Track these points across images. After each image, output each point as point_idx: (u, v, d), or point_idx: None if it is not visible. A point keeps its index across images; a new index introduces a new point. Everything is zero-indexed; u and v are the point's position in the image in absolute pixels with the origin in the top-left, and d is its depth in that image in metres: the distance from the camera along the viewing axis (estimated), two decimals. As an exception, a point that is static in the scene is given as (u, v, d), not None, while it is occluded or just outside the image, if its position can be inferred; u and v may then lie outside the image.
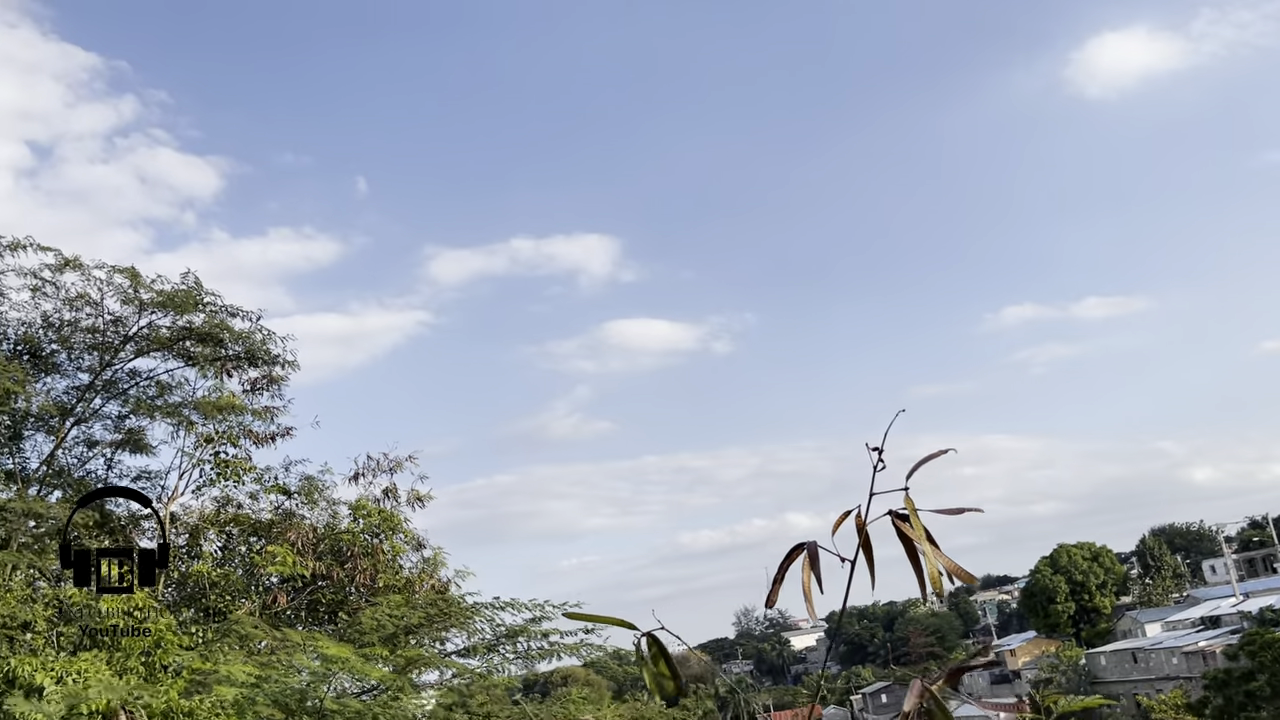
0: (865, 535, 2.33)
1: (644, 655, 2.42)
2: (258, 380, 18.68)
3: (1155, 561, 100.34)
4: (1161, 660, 67.60)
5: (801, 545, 2.35)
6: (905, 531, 2.28)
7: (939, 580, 2.22)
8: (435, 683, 15.60)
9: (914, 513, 2.26)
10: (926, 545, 2.23)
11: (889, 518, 2.30)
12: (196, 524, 18.60)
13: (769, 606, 2.40)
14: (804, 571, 2.30)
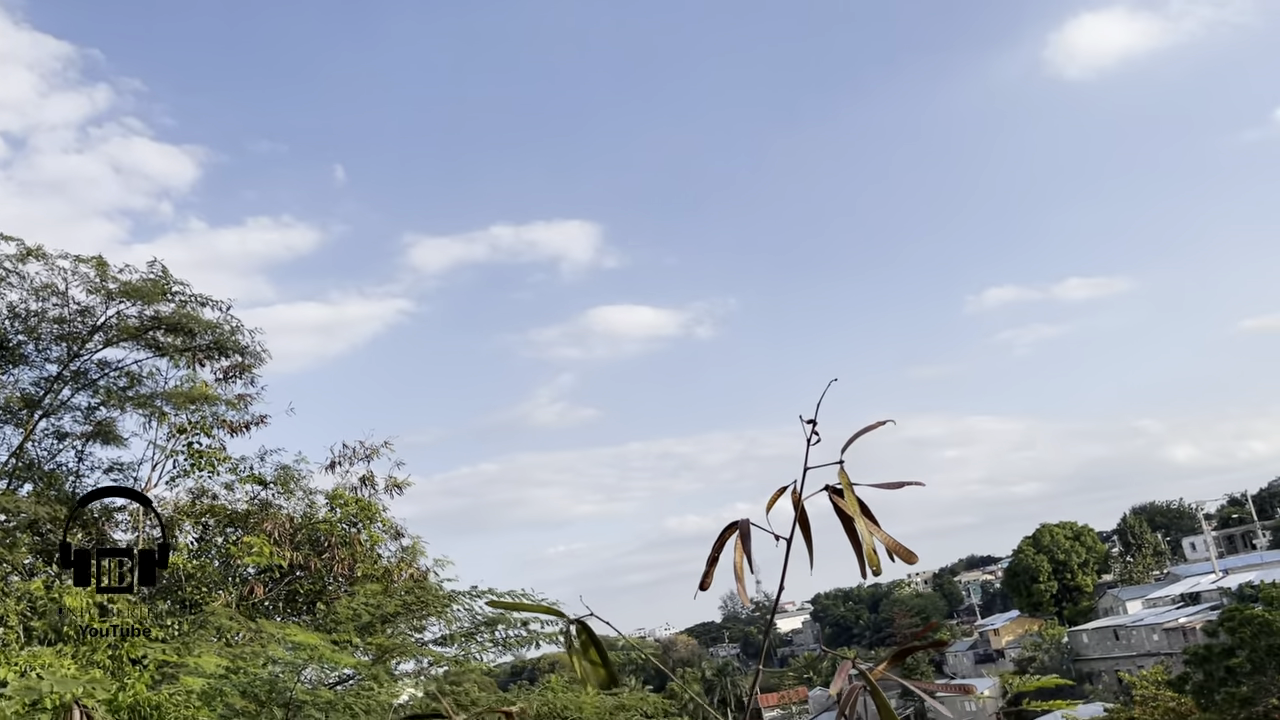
0: (802, 512, 2.23)
1: (573, 644, 2.33)
2: (230, 368, 18.47)
3: (1136, 540, 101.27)
4: (1142, 637, 68.30)
5: (734, 524, 2.26)
6: (842, 508, 2.19)
7: (875, 557, 2.13)
8: (413, 671, 15.51)
9: (848, 487, 2.17)
10: (863, 522, 2.14)
11: (826, 493, 2.22)
12: (171, 515, 18.39)
13: (703, 589, 2.31)
14: (735, 551, 2.21)
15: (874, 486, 2.21)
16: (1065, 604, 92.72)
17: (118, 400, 17.73)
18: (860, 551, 2.20)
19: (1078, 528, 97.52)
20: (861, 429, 2.26)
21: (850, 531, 2.22)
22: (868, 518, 2.18)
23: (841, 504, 2.20)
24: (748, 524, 2.23)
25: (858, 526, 2.15)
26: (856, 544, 2.21)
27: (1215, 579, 72.38)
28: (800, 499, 2.22)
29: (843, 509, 2.20)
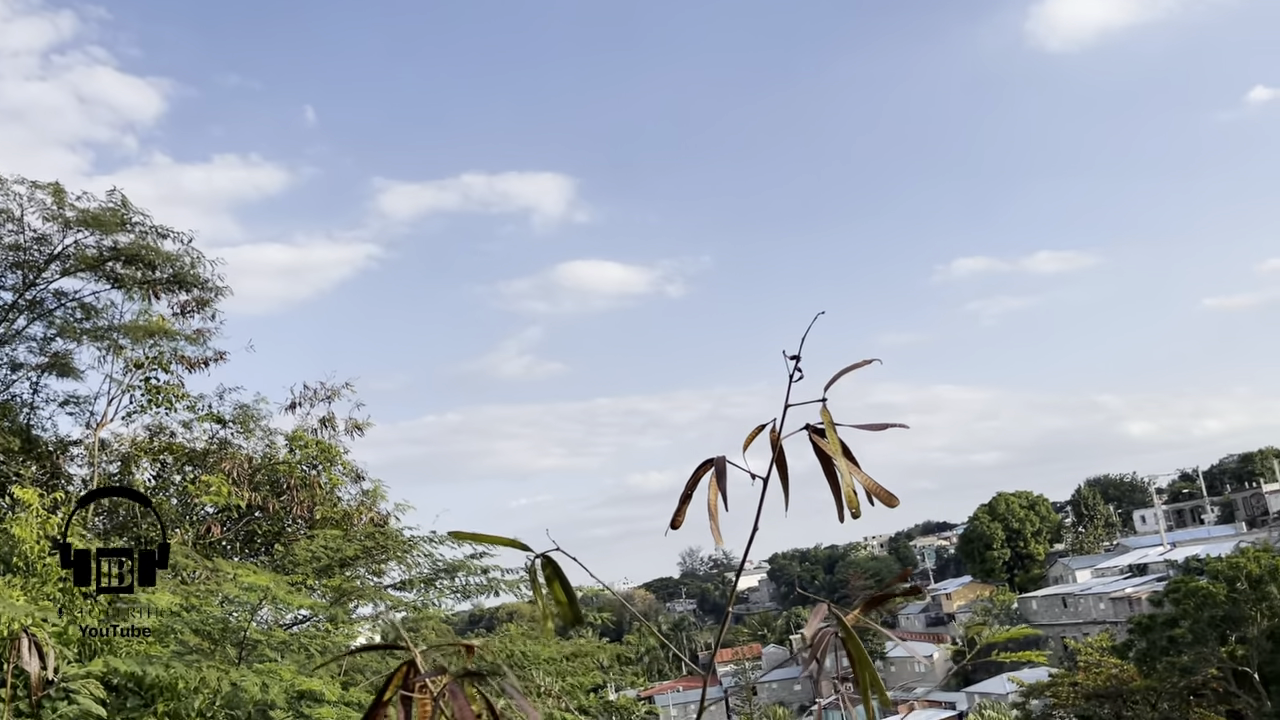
0: (780, 451, 2.13)
1: (537, 579, 2.22)
2: (188, 302, 18.08)
3: (1089, 511, 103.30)
4: (1089, 605, 69.87)
5: (710, 461, 2.16)
6: (822, 447, 2.09)
7: (855, 499, 2.04)
8: (370, 615, 15.42)
9: (830, 426, 2.07)
10: (842, 461, 2.04)
11: (806, 431, 2.11)
12: (128, 452, 18.10)
13: (674, 527, 2.21)
14: (710, 488, 2.10)
15: (856, 427, 2.11)
16: (1017, 571, 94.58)
17: (74, 332, 17.34)
18: (839, 494, 2.10)
19: (1033, 497, 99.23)
20: (846, 367, 2.15)
21: (829, 473, 2.12)
22: (848, 459, 2.08)
23: (821, 444, 2.10)
24: (724, 461, 2.12)
25: (838, 467, 2.05)
26: (835, 486, 2.11)
27: (1163, 551, 74.03)
28: (779, 437, 2.12)
29: (823, 449, 2.10)
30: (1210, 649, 39.26)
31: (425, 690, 1.92)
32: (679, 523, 2.23)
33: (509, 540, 2.24)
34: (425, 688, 1.90)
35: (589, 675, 15.29)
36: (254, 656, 10.03)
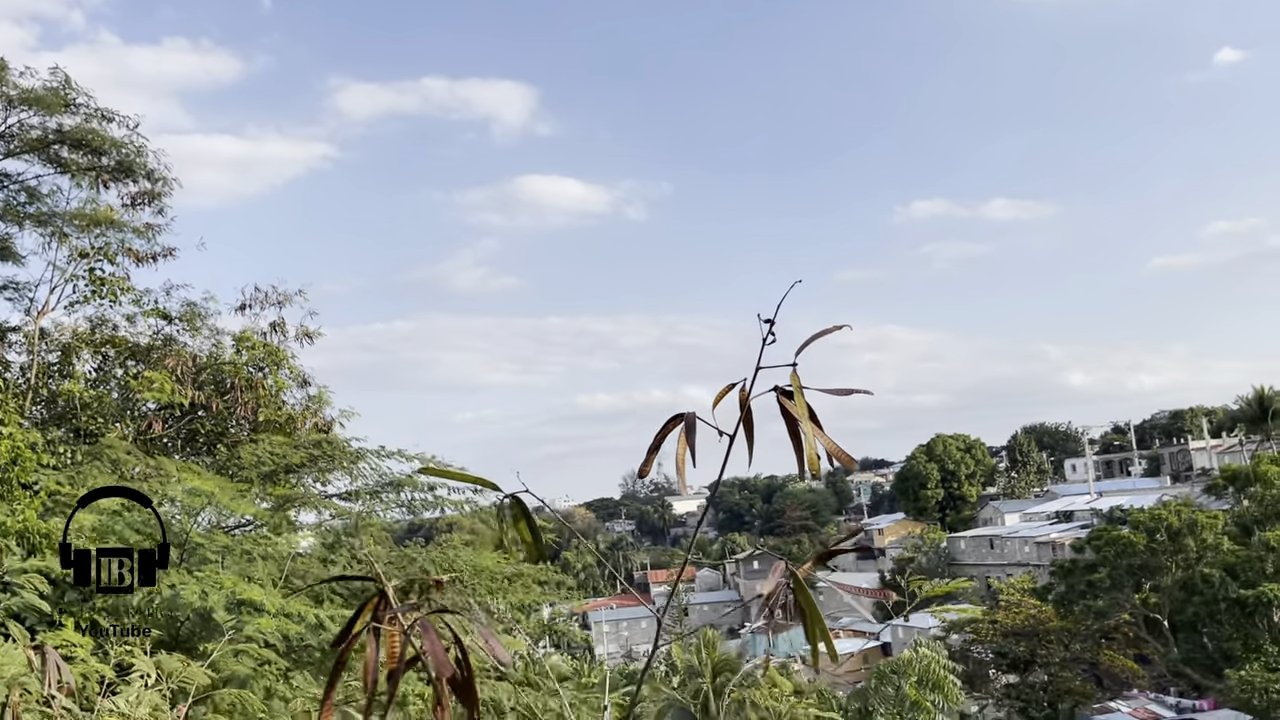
0: (748, 411, 2.20)
1: (505, 517, 2.28)
2: (138, 195, 17.60)
3: (1023, 457, 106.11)
4: (1015, 548, 72.24)
5: (680, 416, 2.21)
6: (789, 409, 2.16)
7: (816, 462, 2.11)
8: (314, 523, 15.49)
9: (799, 390, 2.13)
10: (808, 425, 2.11)
11: (774, 394, 2.18)
12: (69, 342, 17.76)
13: (642, 476, 2.28)
14: (679, 443, 2.16)
15: (824, 391, 2.18)
16: (948, 511, 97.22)
17: (15, 216, 16.83)
18: (801, 453, 2.18)
19: (970, 440, 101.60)
20: (817, 333, 2.21)
21: (793, 433, 2.19)
22: (814, 422, 2.15)
23: (789, 405, 2.16)
24: (694, 417, 2.18)
25: (803, 429, 2.12)
26: (798, 445, 2.18)
27: (1089, 500, 76.51)
28: (748, 397, 2.18)
29: (789, 410, 2.17)
30: (1125, 595, 40.96)
31: (395, 623, 1.98)
32: (646, 472, 2.30)
33: (480, 479, 2.29)
34: (395, 620, 1.96)
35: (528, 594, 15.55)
36: (195, 559, 10.07)
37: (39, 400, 17.08)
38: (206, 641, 8.45)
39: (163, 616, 9.17)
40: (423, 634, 1.85)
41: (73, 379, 17.05)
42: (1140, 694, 44.61)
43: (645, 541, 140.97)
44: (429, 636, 1.83)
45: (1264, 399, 71.72)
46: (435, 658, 1.81)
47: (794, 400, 2.14)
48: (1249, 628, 36.00)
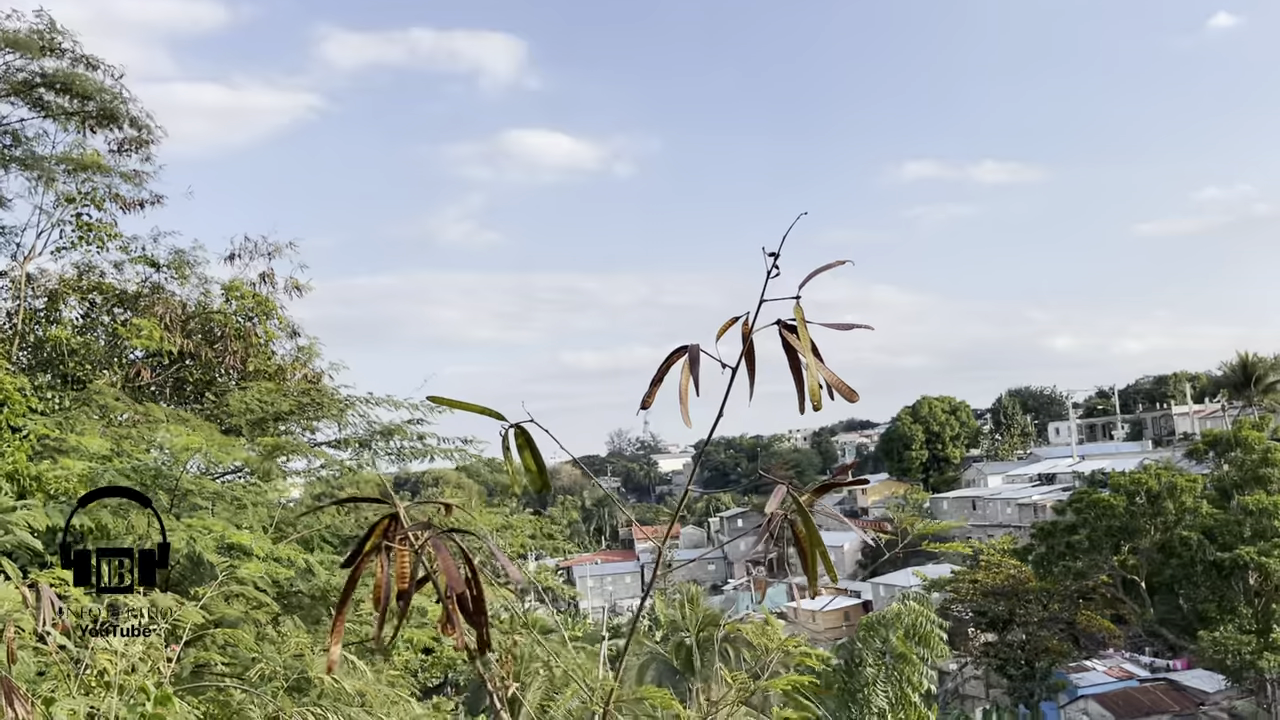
0: (750, 344, 2.23)
1: (509, 447, 2.32)
2: (125, 142, 17.42)
3: (1007, 420, 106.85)
4: (997, 509, 72.98)
5: (684, 348, 2.25)
6: (791, 343, 2.20)
7: (818, 393, 2.15)
8: (303, 470, 15.54)
9: (803, 323, 2.17)
10: (811, 357, 2.15)
11: (776, 328, 2.21)
12: (55, 288, 17.64)
13: (645, 408, 2.31)
14: (683, 374, 2.20)
15: (825, 326, 2.21)
16: (932, 472, 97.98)
17: (1, 159, 16.63)
18: (802, 387, 2.22)
19: (955, 403, 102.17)
20: (820, 267, 2.24)
21: (794, 367, 2.23)
22: (815, 355, 2.19)
23: (791, 339, 2.20)
24: (697, 349, 2.22)
25: (805, 362, 2.16)
26: (799, 380, 2.23)
27: (1072, 463, 77.20)
28: (751, 330, 2.22)
29: (790, 344, 2.21)
30: (1104, 557, 41.51)
31: (405, 543, 2.03)
32: (649, 403, 2.34)
33: (484, 409, 2.33)
34: (406, 540, 2.01)
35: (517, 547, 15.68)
36: (185, 505, 10.12)
37: (25, 345, 17.00)
38: (197, 585, 8.52)
39: (154, 560, 9.22)
40: (435, 552, 1.89)
41: (59, 325, 16.97)
42: (1116, 653, 45.46)
43: (631, 499, 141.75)
44: (443, 554, 1.88)
45: (1247, 365, 72.27)
46: (449, 574, 1.86)
47: (796, 334, 2.18)
48: (1224, 590, 36.59)
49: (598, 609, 77.71)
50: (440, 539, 1.92)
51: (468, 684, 26.70)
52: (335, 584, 9.33)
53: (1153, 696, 39.30)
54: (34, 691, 5.37)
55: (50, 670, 5.88)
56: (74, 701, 5.50)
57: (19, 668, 5.55)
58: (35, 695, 5.21)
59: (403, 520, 2.08)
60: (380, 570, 2.06)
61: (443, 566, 1.84)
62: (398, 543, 2.06)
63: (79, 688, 5.84)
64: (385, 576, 1.98)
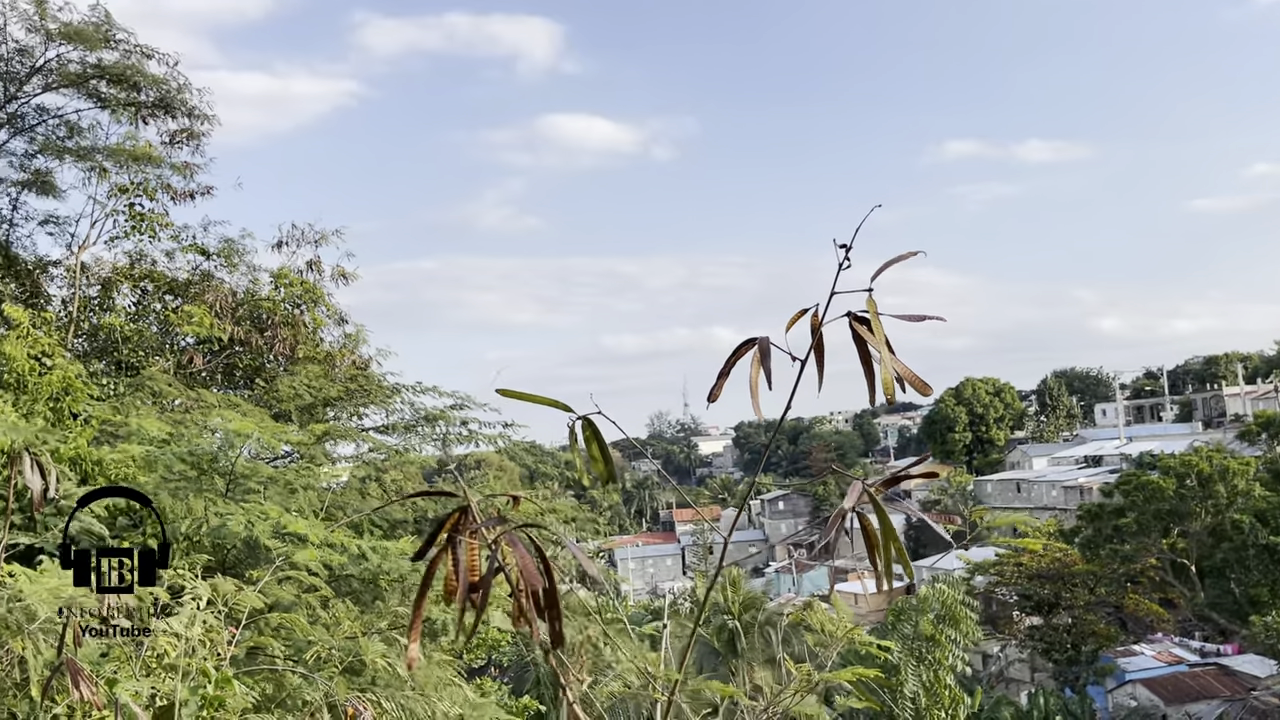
0: (820, 336, 2.22)
1: (577, 437, 2.32)
2: (177, 133, 17.66)
3: (1053, 401, 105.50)
4: (1042, 491, 72.13)
5: (752, 340, 2.24)
6: (863, 335, 2.18)
7: (892, 386, 2.13)
8: (351, 455, 15.75)
9: (875, 316, 2.14)
10: (884, 350, 2.13)
11: (847, 319, 2.19)
12: (109, 276, 17.96)
13: (712, 400, 2.30)
14: (753, 367, 2.19)
15: (897, 318, 2.19)
16: (976, 455, 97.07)
17: (56, 150, 16.93)
18: (871, 380, 2.20)
19: (1000, 384, 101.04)
20: (891, 259, 2.22)
21: (865, 359, 2.21)
22: (887, 348, 2.17)
23: (862, 331, 2.18)
24: (767, 341, 2.21)
25: (878, 355, 2.14)
26: (869, 372, 2.21)
27: (1119, 445, 76.04)
28: (821, 323, 2.20)
29: (863, 335, 2.19)
30: (1153, 540, 40.93)
31: (476, 536, 2.04)
32: (715, 396, 2.33)
33: (552, 401, 2.33)
34: (478, 534, 2.02)
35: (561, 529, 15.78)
36: (240, 490, 10.28)
37: (80, 333, 17.34)
38: (252, 569, 8.68)
39: (209, 543, 9.41)
40: (511, 547, 1.90)
41: (114, 312, 17.29)
42: (1165, 638, 44.82)
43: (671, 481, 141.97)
44: (518, 549, 1.89)
45: (1301, 345, 70.60)
46: (525, 570, 1.87)
47: (867, 326, 2.16)
48: (1277, 574, 35.94)
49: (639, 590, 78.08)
50: (514, 534, 1.93)
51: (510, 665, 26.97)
52: (386, 568, 9.45)
53: (1202, 681, 38.73)
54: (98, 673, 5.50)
55: (112, 652, 6.02)
56: (136, 683, 5.64)
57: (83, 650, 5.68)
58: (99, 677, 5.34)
59: (474, 513, 2.09)
60: (450, 563, 2.08)
61: (519, 562, 1.85)
62: (468, 535, 2.07)
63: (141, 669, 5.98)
64: (456, 571, 1.99)
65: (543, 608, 1.99)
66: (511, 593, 2.04)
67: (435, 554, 2.03)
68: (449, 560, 2.08)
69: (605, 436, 2.44)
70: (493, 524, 1.98)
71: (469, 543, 2.08)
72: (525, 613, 2.01)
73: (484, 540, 2.02)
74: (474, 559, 2.06)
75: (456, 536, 2.10)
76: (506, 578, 2.07)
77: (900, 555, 2.11)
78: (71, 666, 4.91)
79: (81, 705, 5.28)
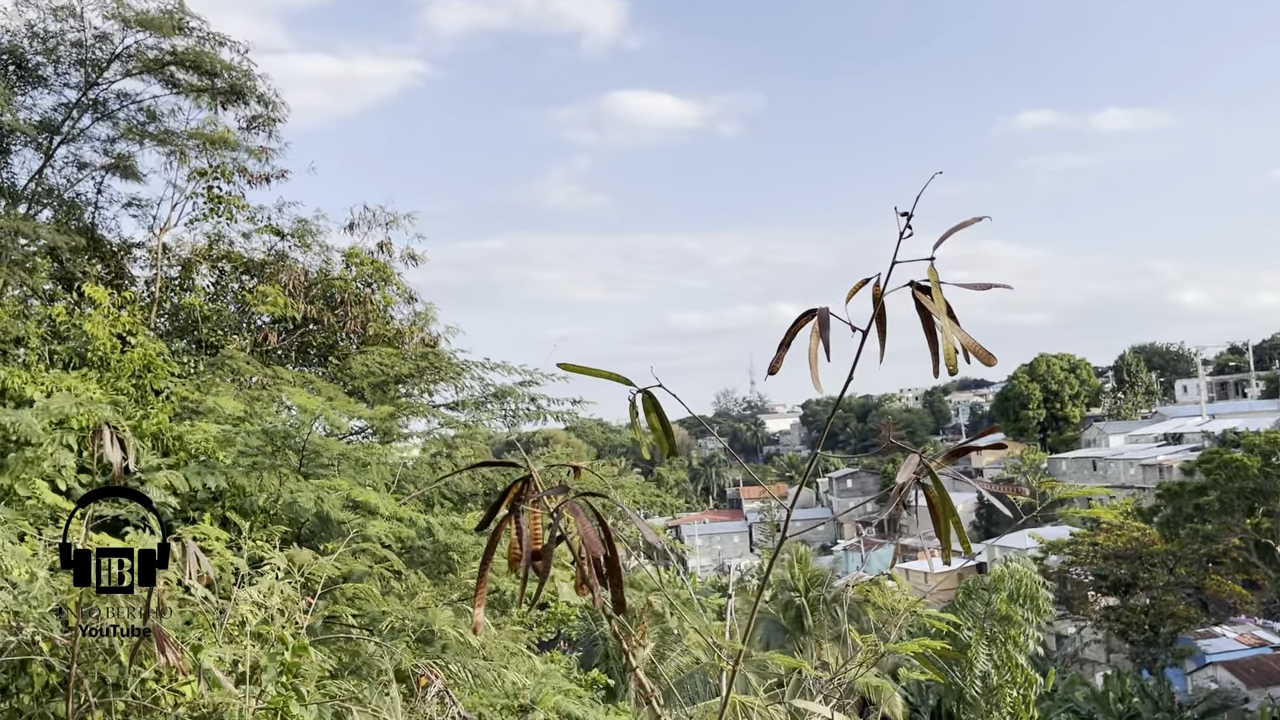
0: (882, 306, 2.20)
1: (638, 411, 2.34)
2: (254, 119, 18.08)
3: (1131, 378, 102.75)
4: (1119, 469, 70.47)
5: (812, 311, 2.23)
6: (925, 304, 2.15)
7: (954, 357, 2.11)
8: (422, 431, 16.02)
9: (937, 285, 2.12)
10: (946, 320, 2.10)
11: (910, 288, 2.17)
12: (189, 257, 18.48)
13: (772, 373, 2.30)
14: (812, 338, 2.18)
15: (961, 286, 2.16)
16: (1050, 432, 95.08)
17: (137, 134, 17.43)
18: (936, 350, 2.18)
19: (1075, 360, 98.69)
20: (955, 226, 2.19)
21: (928, 330, 2.19)
22: (950, 318, 2.14)
23: (925, 301, 2.15)
24: (827, 312, 2.20)
25: (940, 325, 2.11)
26: (933, 342, 2.18)
27: (1201, 422, 73.90)
28: (882, 293, 2.18)
29: (925, 306, 2.16)
30: (1235, 520, 39.73)
31: (539, 505, 2.07)
32: (776, 368, 2.33)
33: (613, 374, 2.35)
34: (540, 503, 2.05)
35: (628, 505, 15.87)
36: (313, 465, 10.54)
37: (162, 313, 17.87)
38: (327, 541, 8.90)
39: (285, 516, 9.67)
40: (573, 515, 1.93)
41: (193, 292, 17.79)
42: (1248, 620, 43.58)
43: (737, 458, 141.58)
44: (580, 518, 1.91)
45: (1397, 319, 67.68)
46: (587, 538, 1.89)
47: (929, 295, 2.13)
48: (1369, 555, 34.67)
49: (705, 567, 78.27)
50: (577, 502, 1.96)
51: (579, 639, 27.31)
52: (454, 542, 9.62)
53: (1288, 665, 37.65)
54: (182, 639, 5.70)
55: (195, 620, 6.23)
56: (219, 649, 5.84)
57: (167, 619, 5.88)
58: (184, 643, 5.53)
59: (536, 483, 2.12)
60: (514, 533, 2.11)
61: (581, 530, 1.88)
62: (531, 505, 2.10)
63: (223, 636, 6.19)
64: (520, 539, 2.03)
65: (604, 575, 2.02)
66: (574, 561, 2.07)
67: (499, 523, 2.07)
68: (512, 529, 2.12)
69: (668, 412, 2.46)
70: (555, 493, 2.01)
71: (531, 512, 2.12)
72: (587, 579, 2.04)
73: (546, 509, 2.05)
74: (536, 528, 2.10)
75: (519, 506, 2.14)
76: (569, 546, 2.11)
77: (958, 530, 2.09)
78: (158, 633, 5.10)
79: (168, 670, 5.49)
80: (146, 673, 5.56)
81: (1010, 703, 19.00)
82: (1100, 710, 32.96)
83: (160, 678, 5.63)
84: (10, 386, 8.50)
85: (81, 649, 5.36)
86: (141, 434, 9.31)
